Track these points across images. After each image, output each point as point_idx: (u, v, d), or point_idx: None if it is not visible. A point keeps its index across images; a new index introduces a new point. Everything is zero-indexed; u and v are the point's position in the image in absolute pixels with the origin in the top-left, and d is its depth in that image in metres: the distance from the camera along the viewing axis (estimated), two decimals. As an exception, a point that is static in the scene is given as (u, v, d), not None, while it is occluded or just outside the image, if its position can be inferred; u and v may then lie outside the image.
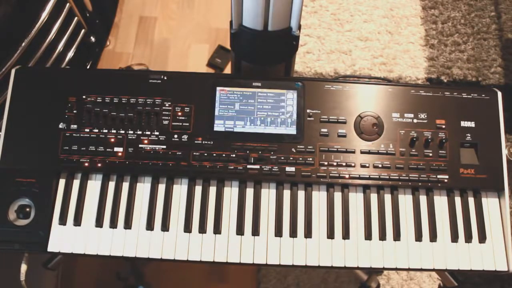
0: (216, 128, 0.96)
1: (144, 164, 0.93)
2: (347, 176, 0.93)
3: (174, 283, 1.44)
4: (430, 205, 0.95)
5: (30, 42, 1.25)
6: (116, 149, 0.94)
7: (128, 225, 0.91)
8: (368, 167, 0.94)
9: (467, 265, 0.92)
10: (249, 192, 0.94)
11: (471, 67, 1.76)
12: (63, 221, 0.91)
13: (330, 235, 0.92)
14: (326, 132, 0.96)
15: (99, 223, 0.92)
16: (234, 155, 0.94)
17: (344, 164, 0.94)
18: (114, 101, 0.96)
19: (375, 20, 1.83)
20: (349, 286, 1.46)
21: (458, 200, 0.96)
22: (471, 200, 0.96)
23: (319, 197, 0.94)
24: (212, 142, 0.94)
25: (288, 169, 0.93)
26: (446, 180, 0.94)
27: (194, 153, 0.94)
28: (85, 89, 0.97)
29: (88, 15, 1.61)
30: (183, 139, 0.94)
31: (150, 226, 0.91)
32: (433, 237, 0.92)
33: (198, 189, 0.94)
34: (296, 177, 0.93)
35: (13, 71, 0.98)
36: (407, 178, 0.94)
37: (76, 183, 0.94)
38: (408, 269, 0.92)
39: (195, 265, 1.45)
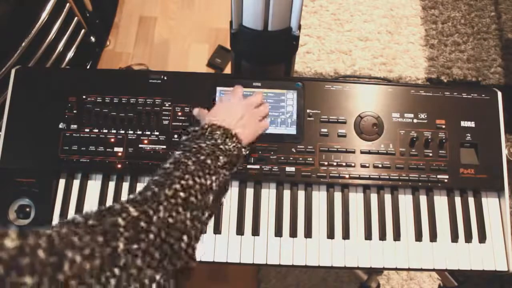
0: (216, 128, 0.95)
1: (144, 164, 0.93)
2: (347, 176, 0.93)
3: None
4: (430, 205, 0.94)
5: (30, 42, 1.25)
6: (116, 149, 0.94)
7: (128, 225, 0.91)
8: (368, 167, 0.94)
9: (467, 265, 0.91)
10: (249, 192, 0.94)
11: (471, 67, 1.76)
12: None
13: (330, 235, 0.92)
14: (326, 132, 0.95)
15: (99, 223, 0.91)
16: (234, 155, 0.94)
17: (344, 164, 0.94)
18: (114, 101, 0.96)
19: (375, 20, 1.83)
20: (349, 286, 1.46)
21: (458, 200, 0.96)
22: (471, 200, 0.96)
23: (319, 197, 0.94)
24: (212, 142, 0.94)
25: (288, 169, 0.93)
26: (446, 180, 0.94)
27: (194, 153, 0.93)
28: (85, 89, 0.97)
29: (88, 15, 1.61)
30: (183, 139, 0.94)
31: (150, 226, 0.91)
32: (433, 237, 0.92)
33: (198, 189, 0.94)
34: (296, 177, 0.93)
35: (13, 71, 0.98)
36: (407, 178, 0.94)
37: (76, 183, 0.94)
38: (408, 269, 0.92)
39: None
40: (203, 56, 1.75)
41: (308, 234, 0.92)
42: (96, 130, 0.95)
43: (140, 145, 0.94)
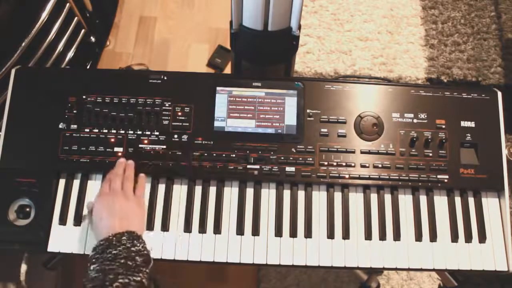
0: (216, 128, 0.96)
1: (144, 164, 0.93)
2: (347, 176, 0.93)
3: (174, 283, 1.44)
4: (430, 205, 0.94)
5: (30, 42, 1.24)
6: (116, 149, 0.94)
7: (128, 225, 0.91)
8: (368, 167, 0.94)
9: (467, 265, 0.92)
10: (249, 192, 0.94)
11: (471, 67, 1.76)
12: (63, 221, 0.91)
13: (330, 235, 0.92)
14: (326, 132, 0.95)
15: (99, 223, 0.91)
16: (234, 155, 0.94)
17: (344, 164, 0.94)
18: (114, 101, 0.96)
19: (375, 20, 1.83)
20: (349, 286, 1.46)
21: (458, 200, 0.96)
22: (471, 200, 0.96)
23: (319, 197, 0.94)
24: (212, 142, 0.94)
25: (288, 169, 0.93)
26: (446, 180, 0.94)
27: (194, 153, 0.94)
28: (85, 89, 0.97)
29: (88, 15, 1.61)
30: (183, 139, 0.94)
31: (150, 226, 0.91)
32: (433, 237, 0.92)
33: (198, 189, 0.94)
34: (296, 177, 0.93)
35: (13, 71, 0.98)
36: (407, 178, 0.94)
37: (76, 183, 0.94)
38: (408, 269, 0.92)
39: (195, 265, 1.45)
40: (203, 56, 1.75)
41: (308, 234, 0.92)
42: (96, 130, 0.95)
43: (140, 145, 0.94)
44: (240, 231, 0.91)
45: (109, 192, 0.86)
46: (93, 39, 1.69)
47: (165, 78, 0.98)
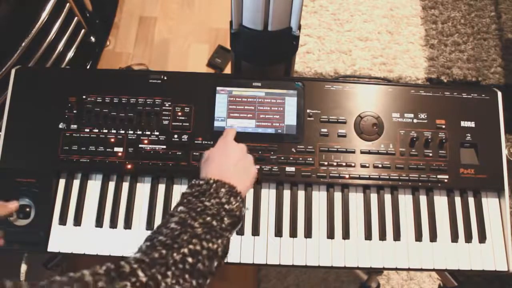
0: (216, 128, 0.95)
1: (144, 164, 0.93)
2: (347, 176, 0.93)
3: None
4: (430, 205, 0.94)
5: (30, 42, 1.24)
6: (116, 149, 0.94)
7: (128, 225, 0.91)
8: (368, 167, 0.94)
9: (467, 265, 0.92)
10: (249, 192, 0.94)
11: (471, 67, 1.76)
12: (63, 221, 0.91)
13: (330, 235, 0.92)
14: (326, 132, 0.95)
15: (99, 223, 0.92)
16: (234, 155, 0.94)
17: (344, 164, 0.94)
18: (114, 101, 0.96)
19: (375, 20, 1.83)
20: (349, 286, 1.46)
21: (458, 200, 0.96)
22: (471, 200, 0.96)
23: (319, 197, 0.94)
24: (212, 142, 0.94)
25: (288, 169, 0.93)
26: (446, 180, 0.94)
27: (194, 153, 0.94)
28: (85, 89, 0.97)
29: (88, 15, 1.61)
30: (183, 139, 0.94)
31: (150, 226, 0.91)
32: (433, 237, 0.92)
33: (198, 189, 0.94)
34: (296, 177, 0.93)
35: (13, 71, 0.98)
36: (407, 178, 0.94)
37: (76, 183, 0.94)
38: (408, 269, 0.92)
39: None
40: (203, 56, 1.75)
41: (308, 234, 0.92)
42: (96, 130, 0.95)
43: (140, 145, 0.94)
44: (240, 231, 0.91)
45: (238, 143, 0.82)
46: (93, 39, 1.69)
47: (165, 78, 0.98)
